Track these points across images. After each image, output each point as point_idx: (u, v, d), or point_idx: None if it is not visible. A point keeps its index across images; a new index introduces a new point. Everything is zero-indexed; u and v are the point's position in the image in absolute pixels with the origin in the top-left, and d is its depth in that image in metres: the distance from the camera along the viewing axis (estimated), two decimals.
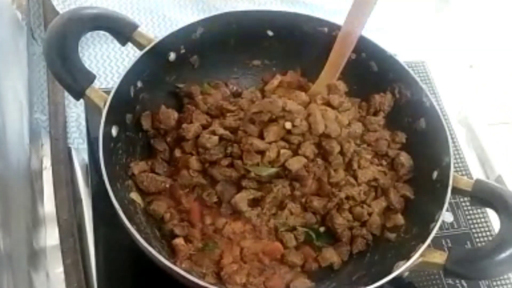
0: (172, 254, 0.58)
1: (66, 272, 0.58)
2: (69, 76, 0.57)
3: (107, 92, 0.57)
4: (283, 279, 0.58)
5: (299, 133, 0.60)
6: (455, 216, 0.69)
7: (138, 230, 0.52)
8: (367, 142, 0.65)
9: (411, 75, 0.65)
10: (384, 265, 0.56)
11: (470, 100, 0.82)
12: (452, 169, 0.58)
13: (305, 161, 0.59)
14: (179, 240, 0.58)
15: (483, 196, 0.57)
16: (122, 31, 0.61)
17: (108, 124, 0.57)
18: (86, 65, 0.58)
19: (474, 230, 0.68)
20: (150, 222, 0.59)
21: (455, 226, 0.68)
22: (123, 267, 0.60)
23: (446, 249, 0.56)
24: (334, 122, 0.61)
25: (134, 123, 0.62)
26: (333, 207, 0.61)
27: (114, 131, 0.58)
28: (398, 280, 0.54)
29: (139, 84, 0.62)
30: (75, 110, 0.70)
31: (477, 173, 0.74)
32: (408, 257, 0.53)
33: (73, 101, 0.67)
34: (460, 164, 0.73)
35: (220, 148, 0.60)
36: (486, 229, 0.68)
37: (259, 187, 0.60)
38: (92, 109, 0.59)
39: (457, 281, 0.64)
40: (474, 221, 0.69)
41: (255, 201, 0.61)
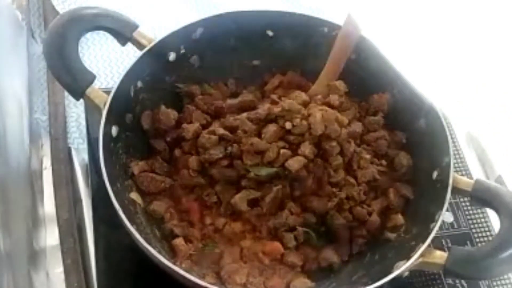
0: (172, 254, 0.57)
1: (66, 272, 0.58)
2: (69, 76, 0.57)
3: (107, 92, 0.57)
4: (283, 279, 0.58)
5: (299, 133, 0.60)
6: (455, 216, 0.69)
7: (138, 230, 0.52)
8: (367, 142, 0.65)
9: (411, 75, 0.65)
10: (384, 265, 0.56)
11: (470, 100, 0.82)
12: (452, 169, 0.58)
13: (305, 161, 0.59)
14: (179, 240, 0.58)
15: (483, 196, 0.57)
16: (122, 31, 0.61)
17: (108, 124, 0.57)
18: (86, 65, 0.58)
19: (474, 230, 0.68)
20: (150, 222, 0.59)
21: (455, 226, 0.68)
22: (123, 267, 0.59)
23: (446, 249, 0.56)
24: (334, 123, 0.61)
25: (134, 123, 0.62)
26: (333, 207, 0.61)
27: (114, 131, 0.58)
28: (398, 280, 0.53)
29: (139, 84, 0.62)
30: (75, 110, 0.70)
31: (477, 173, 0.74)
32: (408, 257, 0.53)
33: (73, 101, 0.67)
34: (460, 164, 0.73)
35: (220, 148, 0.60)
36: (486, 229, 0.68)
37: (259, 187, 0.60)
38: (92, 109, 0.59)
39: (457, 281, 0.64)
40: (474, 221, 0.69)
41: (255, 201, 0.61)
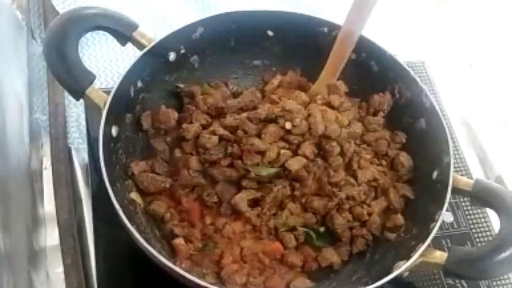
0: (172, 254, 0.58)
1: (66, 272, 0.58)
2: (69, 76, 0.57)
3: (107, 92, 0.57)
4: (283, 279, 0.58)
5: (299, 133, 0.60)
6: (455, 216, 0.69)
7: (138, 230, 0.52)
8: (367, 142, 0.65)
9: (411, 75, 0.64)
10: (384, 265, 0.56)
11: (470, 100, 0.82)
12: (452, 169, 0.58)
13: (305, 162, 0.59)
14: (179, 240, 0.58)
15: (483, 196, 0.57)
16: (122, 31, 0.61)
17: (108, 124, 0.56)
18: (86, 65, 0.58)
19: (474, 230, 0.68)
20: (150, 222, 0.59)
21: (455, 226, 0.68)
22: (123, 267, 0.59)
23: (446, 249, 0.56)
24: (334, 123, 0.61)
25: (134, 123, 0.62)
26: (333, 207, 0.61)
27: (114, 131, 0.58)
28: (398, 280, 0.54)
29: (139, 84, 0.62)
30: (75, 110, 0.69)
31: (477, 173, 0.74)
32: (408, 257, 0.53)
33: (73, 101, 0.67)
34: (460, 164, 0.73)
35: (220, 148, 0.60)
36: (486, 229, 0.68)
37: (259, 187, 0.60)
38: (92, 109, 0.59)
39: (457, 281, 0.64)
40: (474, 221, 0.69)
41: (255, 201, 0.61)
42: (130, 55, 0.75)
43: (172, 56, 0.64)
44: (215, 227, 0.60)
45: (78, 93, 0.58)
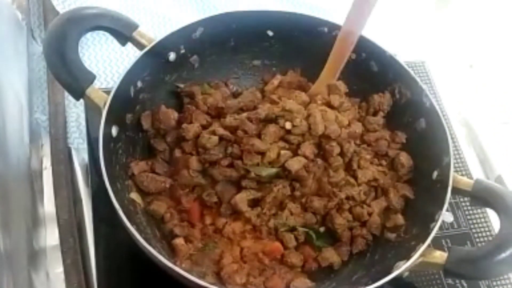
0: (172, 254, 0.58)
1: (66, 272, 0.58)
2: (69, 76, 0.57)
3: (107, 92, 0.57)
4: (283, 279, 0.58)
5: (299, 133, 0.60)
6: (455, 216, 0.69)
7: (138, 230, 0.52)
8: (367, 142, 0.65)
9: (411, 75, 0.64)
10: (384, 265, 0.56)
11: (470, 100, 0.82)
12: (452, 169, 0.58)
13: (305, 162, 0.59)
14: (179, 240, 0.58)
15: (483, 196, 0.57)
16: (122, 31, 0.61)
17: (108, 124, 0.56)
18: (86, 65, 0.58)
19: (474, 230, 0.68)
20: (150, 222, 0.59)
21: (455, 226, 0.68)
22: (123, 267, 0.60)
23: (446, 249, 0.56)
24: (334, 123, 0.61)
25: (134, 123, 0.62)
26: (333, 207, 0.61)
27: (114, 131, 0.58)
28: (398, 280, 0.54)
29: (139, 84, 0.62)
30: (75, 110, 0.69)
31: (477, 173, 0.74)
32: (408, 257, 0.53)
33: (73, 101, 0.67)
34: (460, 164, 0.73)
35: (220, 148, 0.60)
36: (486, 229, 0.68)
37: (259, 187, 0.60)
38: (92, 109, 0.59)
39: (457, 281, 0.64)
40: (474, 221, 0.69)
41: (255, 201, 0.60)
42: (130, 55, 0.75)
43: (172, 56, 0.64)
44: (215, 227, 0.60)
45: (78, 93, 0.58)
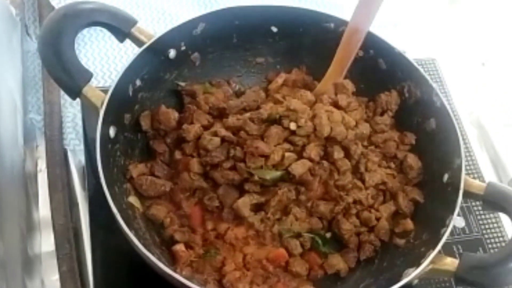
0: (172, 261, 0.57)
1: (62, 280, 0.58)
2: (65, 74, 0.56)
3: (105, 91, 0.57)
4: (288, 287, 0.57)
5: (304, 135, 0.59)
6: (467, 221, 0.68)
7: (137, 236, 0.52)
8: (375, 144, 0.65)
9: (421, 73, 0.64)
10: (393, 273, 0.56)
11: (483, 100, 0.82)
12: (464, 172, 0.57)
13: (310, 165, 0.59)
14: (180, 246, 0.57)
15: (496, 200, 0.56)
16: (120, 27, 0.60)
17: (106, 125, 0.56)
18: (83, 63, 0.58)
19: (487, 236, 0.67)
20: (150, 227, 0.59)
21: (467, 232, 0.68)
22: (121, 274, 0.59)
23: (457, 256, 0.56)
24: (340, 124, 0.60)
25: (133, 124, 0.62)
26: (340, 212, 0.61)
27: (112, 132, 0.58)
28: None
29: (138, 83, 0.61)
30: (71, 110, 0.69)
31: (490, 176, 0.74)
32: (418, 264, 0.53)
33: (69, 101, 0.67)
34: (472, 167, 0.73)
35: (222, 150, 0.60)
36: (499, 235, 0.68)
37: (263, 191, 0.60)
38: (89, 109, 0.58)
39: None
40: (487, 226, 0.68)
41: (259, 206, 0.60)
42: (129, 52, 0.75)
43: (172, 53, 0.64)
44: (217, 233, 0.60)
45: (75, 92, 0.57)
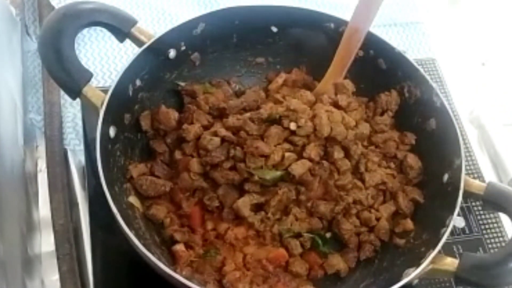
0: (172, 261, 0.57)
1: (62, 280, 0.57)
2: (65, 74, 0.56)
3: (105, 91, 0.57)
4: (288, 287, 0.57)
5: (304, 135, 0.59)
6: (467, 221, 0.68)
7: (137, 236, 0.51)
8: (375, 144, 0.65)
9: (421, 73, 0.64)
10: (393, 273, 0.56)
11: (482, 100, 0.81)
12: (464, 172, 0.57)
13: (310, 165, 0.59)
14: (180, 246, 0.57)
15: (496, 200, 0.56)
16: (120, 27, 0.60)
17: (106, 125, 0.56)
18: (83, 63, 0.58)
19: (487, 236, 0.67)
20: (150, 227, 0.59)
21: (467, 232, 0.67)
22: (121, 274, 0.59)
23: (457, 256, 0.55)
24: (340, 124, 0.60)
25: (133, 124, 0.62)
26: (340, 212, 0.60)
27: (112, 132, 0.57)
28: None
29: (138, 83, 0.61)
30: (71, 110, 0.69)
31: (490, 176, 0.73)
32: (418, 264, 0.52)
33: (69, 101, 0.67)
34: (472, 167, 0.73)
35: (222, 150, 0.59)
36: (499, 235, 0.67)
37: (263, 191, 0.59)
38: (89, 109, 0.58)
39: None
40: (487, 226, 0.68)
41: (259, 206, 0.60)
42: (129, 52, 0.74)
43: (172, 53, 0.63)
44: (217, 233, 0.59)
45: (75, 92, 0.57)
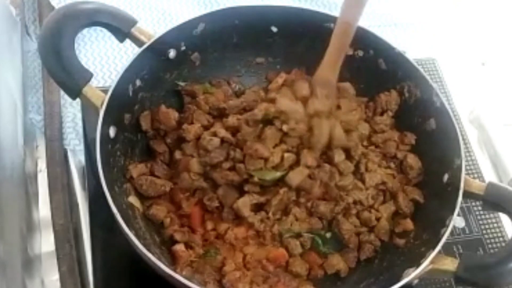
0: (172, 261, 0.57)
1: (62, 280, 0.57)
2: (65, 74, 0.56)
3: (105, 91, 0.57)
4: (288, 287, 0.57)
5: (296, 136, 0.59)
6: (467, 221, 0.68)
7: (137, 236, 0.51)
8: (375, 144, 0.65)
9: (421, 73, 0.64)
10: (393, 273, 0.56)
11: (482, 100, 0.81)
12: (464, 172, 0.57)
13: (307, 172, 0.58)
14: (180, 246, 0.57)
15: (496, 200, 0.56)
16: (120, 27, 0.60)
17: (106, 125, 0.56)
18: (83, 63, 0.57)
19: (487, 236, 0.67)
20: (150, 227, 0.59)
21: (467, 232, 0.67)
22: (121, 274, 0.59)
23: (457, 256, 0.56)
24: (340, 129, 0.59)
25: (133, 124, 0.62)
26: (340, 212, 0.60)
27: (112, 132, 0.57)
28: None
29: (138, 83, 0.61)
30: (71, 110, 0.69)
31: (490, 176, 0.73)
32: (418, 264, 0.52)
33: (69, 101, 0.67)
34: (472, 167, 0.73)
35: (222, 151, 0.59)
36: (499, 235, 0.67)
37: (263, 191, 0.59)
38: (89, 109, 0.58)
39: None
40: (487, 226, 0.68)
41: (259, 206, 0.60)
42: (129, 52, 0.74)
43: (172, 53, 0.63)
44: (217, 233, 0.59)
45: (75, 92, 0.57)
